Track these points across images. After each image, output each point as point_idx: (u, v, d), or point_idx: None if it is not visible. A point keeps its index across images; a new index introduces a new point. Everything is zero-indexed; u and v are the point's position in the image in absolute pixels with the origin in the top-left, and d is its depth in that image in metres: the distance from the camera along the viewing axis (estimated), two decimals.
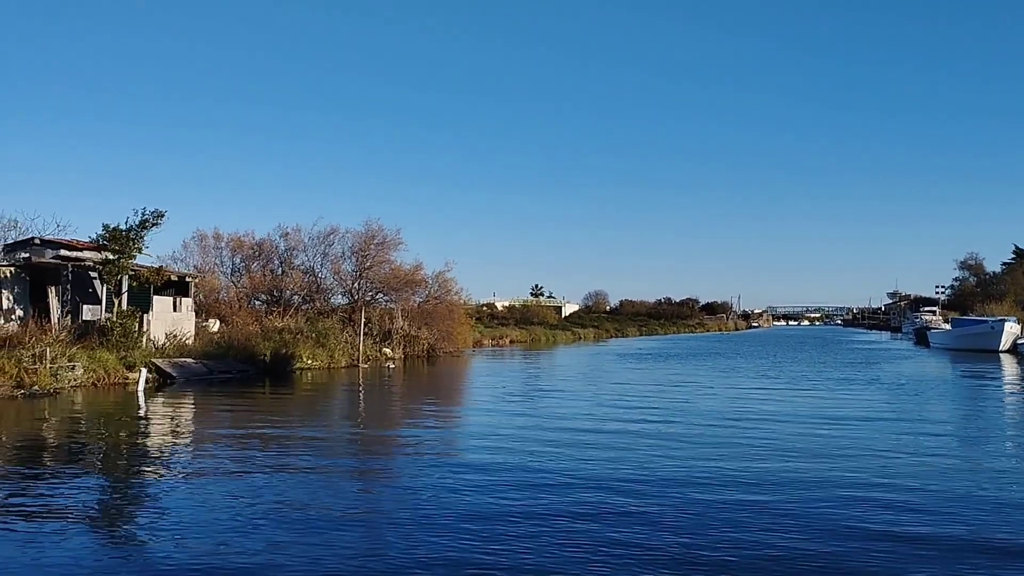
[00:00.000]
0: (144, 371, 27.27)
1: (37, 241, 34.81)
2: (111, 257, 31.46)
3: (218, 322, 44.87)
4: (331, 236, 53.67)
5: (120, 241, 31.08)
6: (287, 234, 54.14)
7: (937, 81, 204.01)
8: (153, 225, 31.70)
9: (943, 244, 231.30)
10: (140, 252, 32.16)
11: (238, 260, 54.06)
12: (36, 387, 25.05)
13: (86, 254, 34.01)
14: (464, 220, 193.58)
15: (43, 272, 33.71)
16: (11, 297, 32.53)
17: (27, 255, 34.03)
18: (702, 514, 10.67)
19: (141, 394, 26.31)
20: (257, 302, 52.90)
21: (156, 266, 33.45)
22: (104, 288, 33.54)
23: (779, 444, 16.40)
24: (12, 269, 32.88)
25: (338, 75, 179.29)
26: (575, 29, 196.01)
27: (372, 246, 53.21)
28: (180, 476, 13.76)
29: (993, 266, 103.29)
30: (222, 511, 10.96)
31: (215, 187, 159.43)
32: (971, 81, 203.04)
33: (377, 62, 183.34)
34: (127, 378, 29.33)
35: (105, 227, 31.23)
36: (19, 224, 37.64)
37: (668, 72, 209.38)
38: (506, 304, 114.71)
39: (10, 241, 36.36)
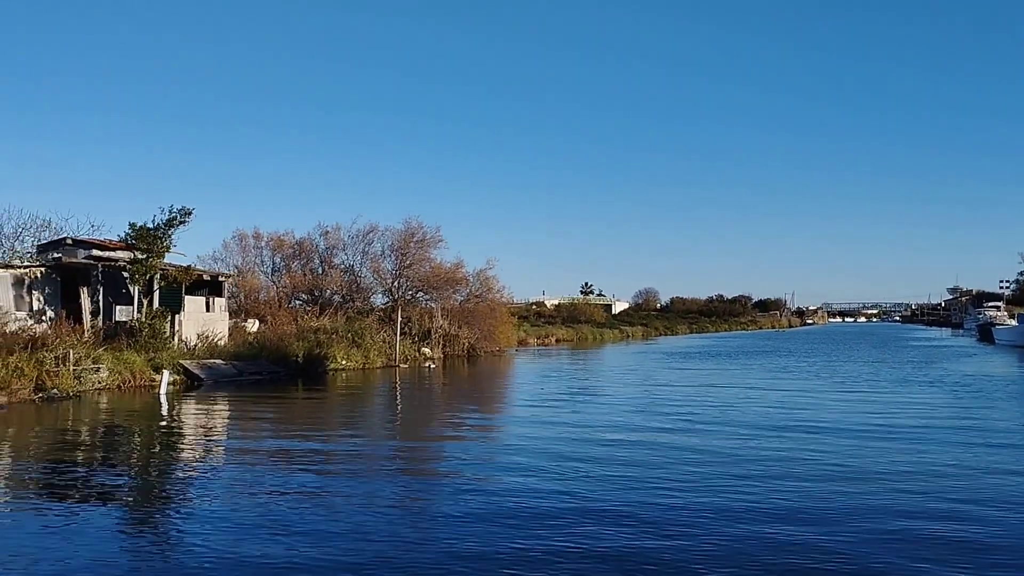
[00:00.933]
0: (166, 373, 26.36)
1: (69, 241, 34.28)
2: (139, 256, 30.69)
3: (257, 322, 44.17)
4: (370, 234, 52.81)
5: (147, 240, 30.27)
6: (327, 233, 53.45)
7: (994, 78, 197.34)
8: (180, 223, 30.85)
9: (1006, 238, 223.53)
10: (168, 251, 31.33)
11: (278, 260, 53.48)
12: (55, 390, 24.25)
13: (118, 254, 33.36)
14: (513, 219, 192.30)
15: (74, 272, 33.14)
16: (41, 298, 32.00)
17: (58, 255, 33.54)
18: (746, 557, 9.01)
19: (163, 397, 25.40)
20: (298, 302, 52.24)
21: (185, 265, 32.60)
22: (142, 287, 32.86)
23: (833, 462, 14.40)
24: (42, 270, 32.37)
25: (379, 74, 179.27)
26: (620, 30, 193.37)
27: (412, 244, 52.12)
28: (192, 488, 12.65)
29: None
30: (236, 529, 9.95)
31: (255, 187, 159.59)
32: None
33: (418, 61, 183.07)
34: (154, 380, 28.51)
35: (132, 225, 30.48)
36: (52, 224, 37.20)
37: (718, 73, 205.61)
38: (556, 303, 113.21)
39: (43, 241, 35.91)
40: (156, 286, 32.37)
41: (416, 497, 12.27)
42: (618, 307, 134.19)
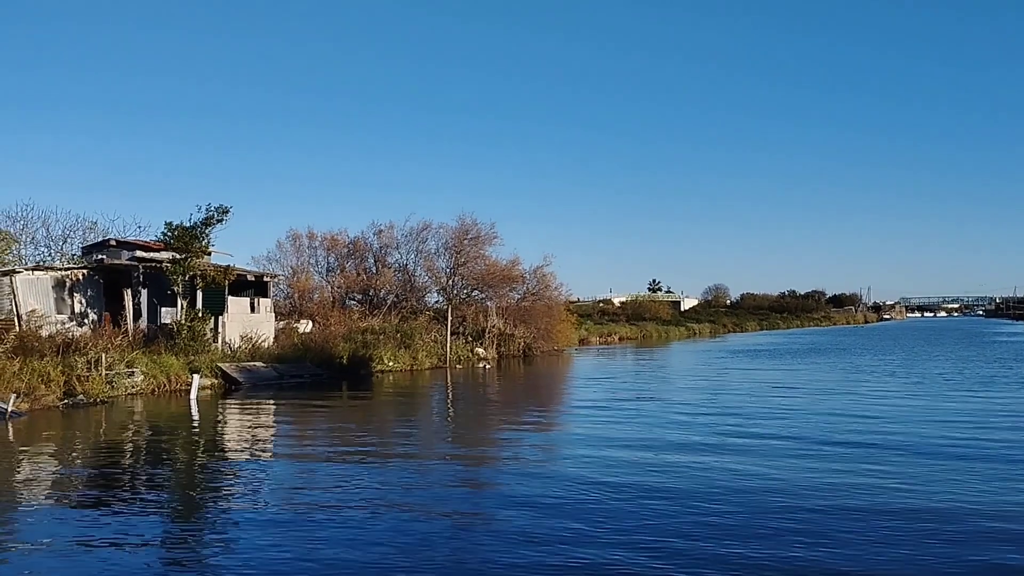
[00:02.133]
0: (197, 377, 25.22)
1: (112, 242, 33.64)
2: (177, 256, 29.76)
3: (309, 323, 43.21)
4: (424, 232, 51.45)
5: (184, 239, 29.30)
6: (381, 231, 52.29)
7: None
8: (218, 221, 29.82)
9: None
10: (206, 250, 30.32)
11: (332, 260, 52.56)
12: (81, 396, 23.30)
13: (162, 255, 32.56)
14: (577, 216, 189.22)
15: (117, 274, 32.48)
16: (83, 300, 31.36)
17: (102, 257, 32.93)
18: None
19: (194, 402, 24.23)
20: (352, 302, 51.27)
21: (224, 265, 31.59)
22: (182, 288, 31.98)
23: (916, 491, 11.75)
24: (84, 272, 31.76)
25: (433, 69, 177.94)
26: (683, 26, 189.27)
27: (466, 241, 50.56)
28: (213, 503, 11.24)
29: None
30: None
31: (309, 186, 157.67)
32: None
33: (472, 56, 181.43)
34: (190, 384, 27.50)
35: (168, 225, 29.54)
36: (97, 226, 36.70)
37: (784, 70, 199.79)
38: (622, 300, 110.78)
39: (88, 243, 35.41)
40: (197, 287, 31.41)
41: (474, 512, 10.94)
42: (687, 304, 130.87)
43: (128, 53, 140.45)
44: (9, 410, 20.05)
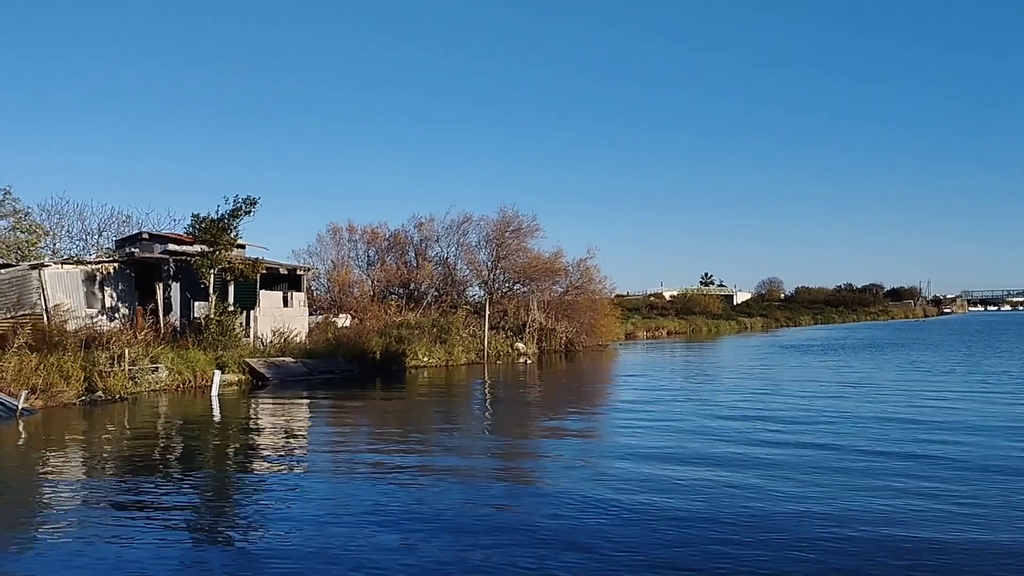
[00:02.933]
0: (219, 373, 24.41)
1: (145, 236, 33.13)
2: (205, 249, 29.06)
3: (348, 317, 42.49)
4: (464, 224, 50.43)
5: (211, 232, 28.57)
6: (421, 224, 51.40)
7: None
8: (246, 213, 29.01)
9: None
10: (234, 243, 29.56)
11: (373, 253, 51.84)
12: (99, 393, 22.64)
13: (194, 248, 31.96)
14: (627, 209, 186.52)
15: (150, 268, 31.97)
16: (114, 294, 30.88)
17: (135, 250, 32.44)
18: None
19: (215, 399, 23.43)
20: (393, 296, 50.48)
21: (253, 258, 30.82)
22: (212, 282, 31.32)
23: (985, 519, 10.05)
24: (115, 266, 31.28)
25: (474, 62, 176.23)
26: (732, 21, 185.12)
27: (507, 233, 49.35)
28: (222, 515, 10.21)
29: None
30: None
31: (349, 178, 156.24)
32: None
33: (513, 47, 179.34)
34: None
35: (195, 217, 28.83)
36: (132, 219, 36.28)
37: (841, 67, 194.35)
38: (674, 294, 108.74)
39: (121, 236, 35.02)
40: (227, 281, 30.71)
41: (522, 528, 9.66)
42: (739, 298, 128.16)
43: (170, 45, 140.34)
44: (20, 407, 19.39)
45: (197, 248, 31.12)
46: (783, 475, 12.24)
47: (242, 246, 35.91)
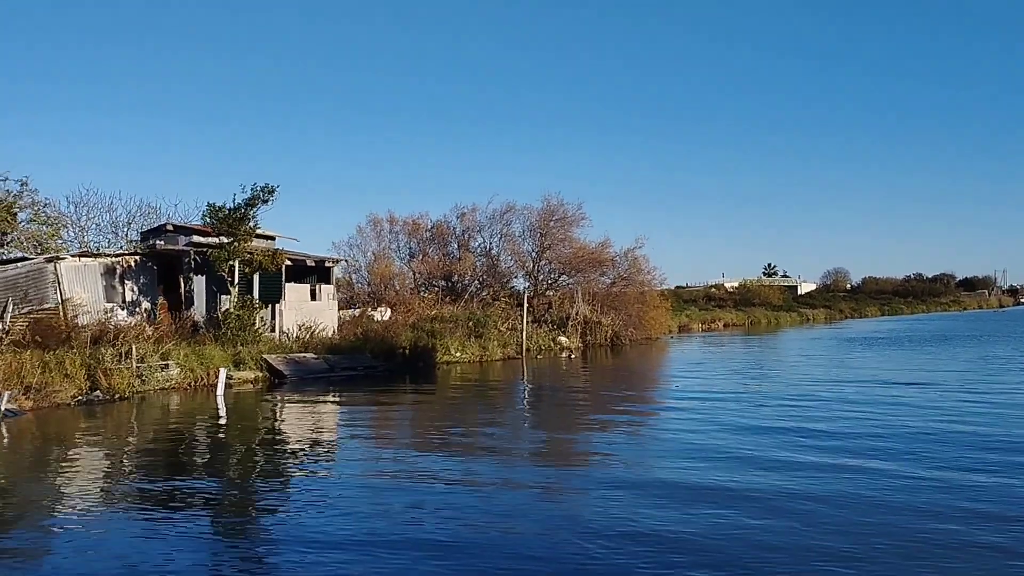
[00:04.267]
0: (224, 371, 22.89)
1: (170, 227, 31.92)
2: (223, 241, 27.66)
3: (388, 311, 41.00)
4: (508, 214, 48.43)
5: (227, 222, 27.12)
6: (464, 214, 49.52)
7: None
8: (263, 202, 27.44)
9: None
10: (252, 234, 28.08)
11: (414, 245, 50.21)
12: (98, 392, 21.30)
13: (220, 240, 30.65)
14: (688, 200, 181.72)
15: (174, 261, 30.78)
16: (135, 288, 29.73)
17: (160, 242, 31.30)
18: None
19: (220, 399, 21.91)
20: (436, 288, 48.84)
21: (272, 249, 29.34)
22: (235, 274, 29.95)
23: None
24: (136, 258, 30.14)
25: (519, 53, 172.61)
26: (785, 19, 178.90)
27: (552, 223, 47.33)
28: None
29: None
30: None
31: (390, 170, 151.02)
32: None
33: (558, 35, 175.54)
34: (231, 378, 25.33)
35: (210, 206, 27.39)
36: (159, 210, 35.18)
37: (910, 56, 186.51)
38: (735, 285, 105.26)
39: (146, 228, 33.95)
40: (246, 273, 29.28)
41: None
42: (804, 289, 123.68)
43: (207, 33, 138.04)
44: (3, 409, 18.09)
45: (222, 240, 29.83)
46: (831, 495, 9.99)
47: (271, 237, 34.57)
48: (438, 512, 9.82)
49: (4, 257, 27.83)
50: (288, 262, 31.44)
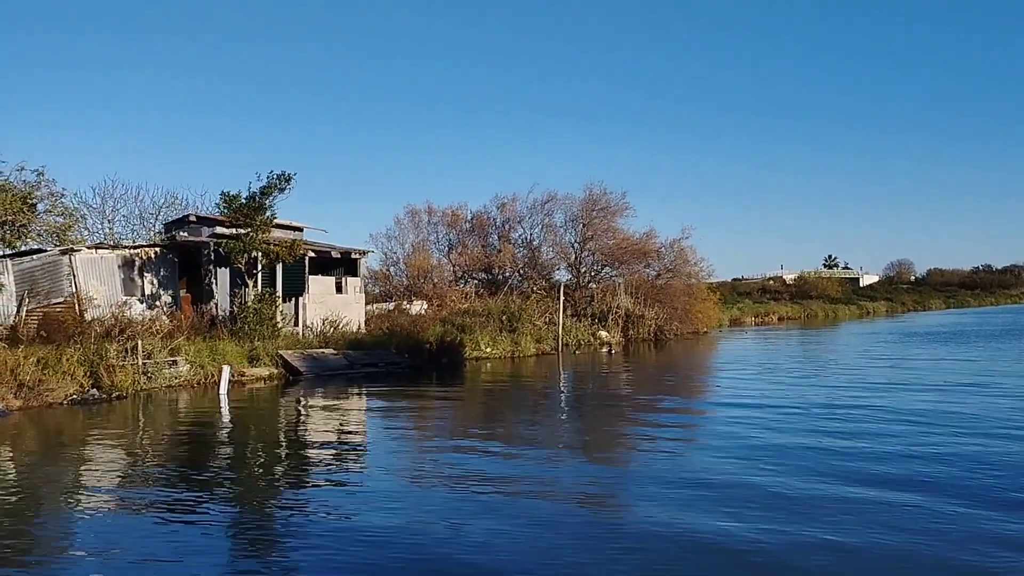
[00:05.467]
0: (227, 369, 21.54)
1: (192, 218, 30.86)
2: (240, 232, 26.42)
3: (424, 304, 39.57)
4: (549, 204, 46.53)
5: (242, 212, 25.85)
6: (504, 204, 47.78)
7: None
8: (279, 190, 26.09)
9: None
10: (269, 225, 26.76)
11: (453, 236, 48.66)
12: (94, 391, 20.13)
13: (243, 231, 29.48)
14: (745, 191, 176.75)
15: (195, 253, 29.72)
16: (155, 281, 28.72)
17: (177, 233, 30.28)
18: None
19: (223, 398, 20.58)
20: (474, 281, 47.27)
21: (290, 240, 27.97)
22: (256, 267, 28.72)
23: None
24: (156, 250, 29.13)
25: (547, 43, 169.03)
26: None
27: (594, 212, 45.31)
28: None
29: None
30: None
31: (427, 160, 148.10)
32: None
33: (613, 29, 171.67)
34: (243, 374, 24.07)
35: (223, 195, 26.12)
36: (185, 201, 34.17)
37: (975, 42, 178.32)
38: (793, 277, 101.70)
39: (170, 219, 32.97)
40: (262, 265, 28.03)
41: None
42: (866, 280, 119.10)
43: (245, 25, 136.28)
44: None
45: (242, 231, 28.64)
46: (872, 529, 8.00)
47: (299, 228, 33.36)
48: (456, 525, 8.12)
49: (21, 249, 27.00)
50: (312, 254, 30.14)
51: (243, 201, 25.82)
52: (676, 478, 10.97)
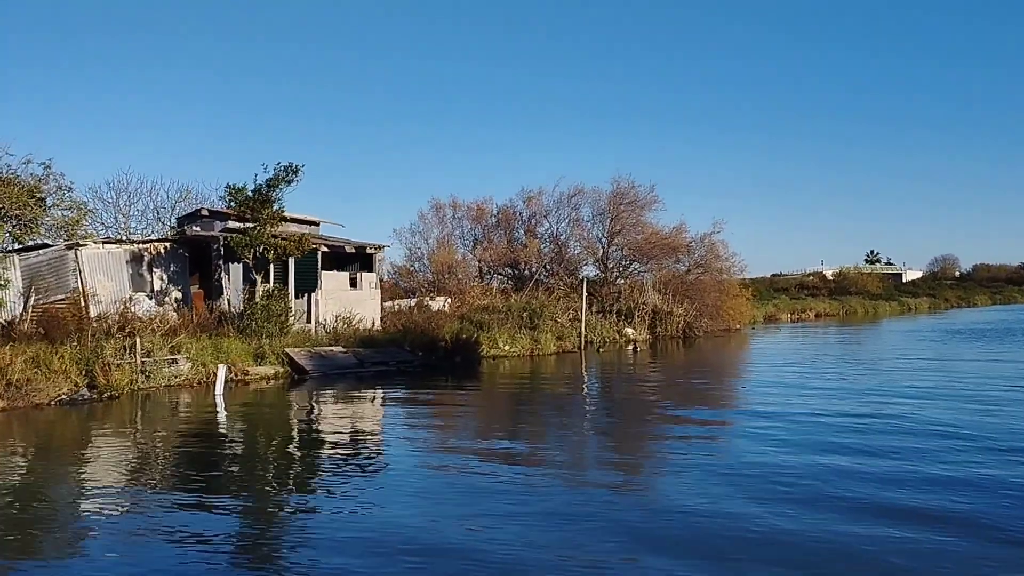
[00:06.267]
0: (223, 368, 20.55)
1: (205, 212, 30.02)
2: (247, 226, 25.48)
3: (447, 300, 38.47)
4: (576, 197, 45.11)
5: (247, 205, 24.90)
6: (531, 198, 46.42)
7: None
8: (286, 182, 25.05)
9: None
10: (276, 218, 25.78)
11: (479, 231, 47.46)
12: (84, 392, 19.27)
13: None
14: (782, 186, 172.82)
15: (207, 248, 28.88)
16: (164, 277, 27.92)
17: (197, 228, 29.49)
18: None
19: (219, 399, 19.60)
20: (501, 276, 46.09)
21: (299, 234, 26.94)
22: (271, 262, 27.77)
23: None
24: (166, 245, 28.35)
25: (577, 36, 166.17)
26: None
27: (622, 206, 43.82)
28: None
29: None
30: None
31: (452, 153, 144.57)
32: None
33: (644, 22, 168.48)
34: (247, 373, 23.14)
35: (229, 188, 25.18)
36: (192, 193, 33.38)
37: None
38: (834, 272, 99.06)
39: (182, 213, 32.21)
40: (273, 260, 27.07)
41: None
42: (909, 276, 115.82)
43: (265, 20, 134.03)
44: None
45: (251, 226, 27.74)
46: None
47: (315, 222, 32.47)
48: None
49: (28, 244, 26.39)
50: (325, 248, 29.15)
51: (249, 194, 24.84)
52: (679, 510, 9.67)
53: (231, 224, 28.57)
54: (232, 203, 25.28)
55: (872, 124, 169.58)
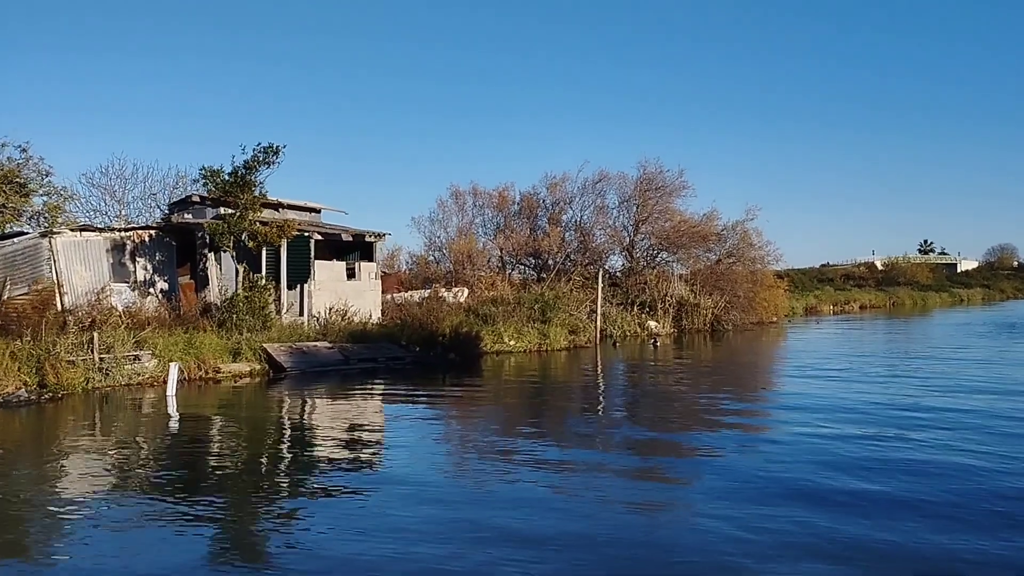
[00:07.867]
0: (175, 367, 18.51)
1: (196, 199, 28.18)
2: (226, 212, 23.51)
3: (466, 292, 36.28)
4: (601, 183, 42.45)
5: (224, 189, 22.90)
6: (554, 184, 43.86)
7: None
8: (265, 164, 23.00)
9: None
10: (259, 202, 23.74)
11: (500, 219, 45.02)
12: (23, 392, 17.41)
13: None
14: (832, 172, 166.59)
15: (195, 236, 27.06)
16: (148, 266, 26.16)
17: (189, 216, 27.69)
18: None
19: (171, 399, 17.60)
20: (524, 266, 43.68)
21: (282, 219, 24.87)
22: (255, 251, 25.84)
23: None
24: (151, 233, 26.57)
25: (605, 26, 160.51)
26: None
27: (649, 192, 41.08)
28: None
29: None
30: None
31: (472, 139, 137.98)
32: None
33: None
34: (219, 371, 21.15)
35: (204, 170, 23.16)
36: (185, 178, 31.57)
37: None
38: (884, 262, 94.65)
39: (173, 200, 30.42)
40: (254, 248, 25.10)
41: None
42: (964, 266, 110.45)
43: (280, 9, 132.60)
44: None
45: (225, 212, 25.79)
46: None
47: (316, 209, 30.51)
48: None
49: (5, 232, 24.80)
50: (318, 236, 27.09)
51: (226, 177, 22.81)
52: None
53: (223, 211, 26.70)
54: (209, 187, 23.28)
55: (928, 113, 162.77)
